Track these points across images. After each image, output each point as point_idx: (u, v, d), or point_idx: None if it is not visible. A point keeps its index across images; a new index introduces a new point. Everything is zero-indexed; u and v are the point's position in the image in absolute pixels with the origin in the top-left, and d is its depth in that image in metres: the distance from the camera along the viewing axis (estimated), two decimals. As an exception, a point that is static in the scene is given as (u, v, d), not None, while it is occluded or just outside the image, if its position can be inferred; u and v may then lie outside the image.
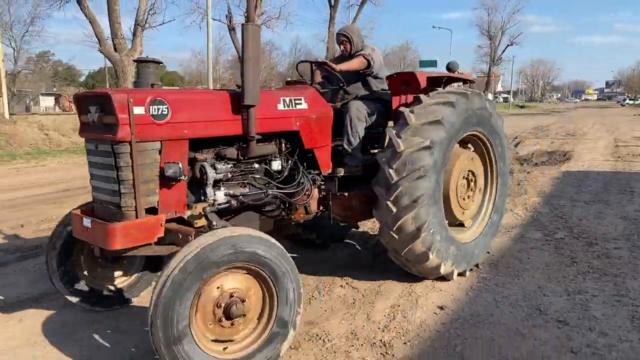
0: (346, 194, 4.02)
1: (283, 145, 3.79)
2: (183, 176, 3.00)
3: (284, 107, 3.67)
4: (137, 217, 2.90)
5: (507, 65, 67.33)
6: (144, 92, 2.98)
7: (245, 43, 3.11)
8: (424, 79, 4.10)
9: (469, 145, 4.62)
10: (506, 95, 68.70)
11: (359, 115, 4.12)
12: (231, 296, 2.70)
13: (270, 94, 3.70)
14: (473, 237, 4.48)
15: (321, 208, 4.14)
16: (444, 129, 3.80)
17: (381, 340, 3.30)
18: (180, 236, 3.01)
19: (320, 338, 3.35)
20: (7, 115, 19.87)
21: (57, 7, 22.61)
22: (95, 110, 2.87)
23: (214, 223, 3.05)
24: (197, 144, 3.26)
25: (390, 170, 3.68)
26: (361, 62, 4.37)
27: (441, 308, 3.77)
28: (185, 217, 3.19)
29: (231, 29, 27.92)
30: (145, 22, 23.24)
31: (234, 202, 3.40)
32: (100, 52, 22.89)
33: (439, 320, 3.57)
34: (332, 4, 32.87)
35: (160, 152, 2.99)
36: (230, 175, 3.41)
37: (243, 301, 2.73)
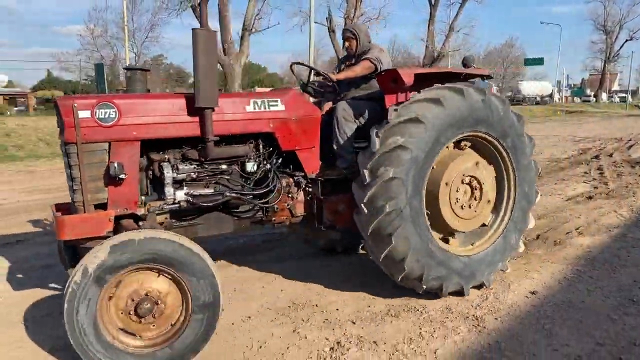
0: (333, 197, 3.90)
1: (259, 146, 3.82)
2: (123, 174, 3.15)
3: (255, 109, 3.69)
4: (84, 212, 3.13)
5: (626, 62, 62.19)
6: (92, 97, 3.26)
7: (197, 48, 3.20)
8: (409, 76, 3.75)
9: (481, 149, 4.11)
10: (623, 95, 63.14)
11: (346, 116, 4.03)
12: (146, 295, 2.84)
13: (238, 97, 3.82)
14: (477, 250, 4.02)
15: (309, 211, 4.05)
16: (424, 127, 3.50)
17: (474, 315, 3.66)
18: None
19: (417, 310, 3.77)
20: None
21: (175, 15, 24.81)
22: (57, 115, 3.19)
23: (141, 223, 3.28)
24: (160, 145, 3.46)
25: (365, 171, 3.51)
26: (366, 68, 4.26)
27: (533, 293, 4.03)
28: (139, 214, 3.33)
29: (331, 31, 28.78)
30: (252, 27, 24.76)
31: (196, 202, 3.49)
32: (211, 56, 24.72)
33: (529, 303, 3.85)
34: (433, 2, 32.57)
35: (109, 152, 3.20)
36: (194, 176, 3.54)
37: (157, 303, 2.87)
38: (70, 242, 3.33)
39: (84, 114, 3.12)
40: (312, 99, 4.83)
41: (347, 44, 4.53)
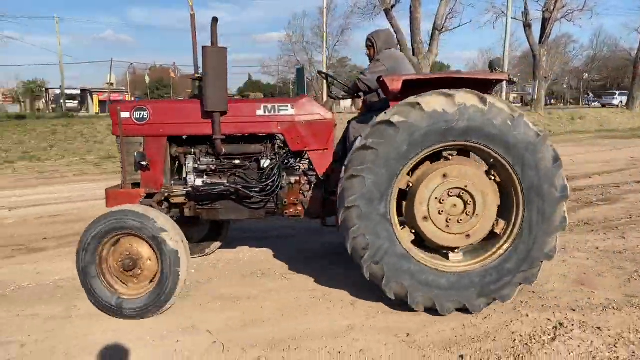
0: (334, 198, 3.88)
1: (270, 146, 4.29)
2: (145, 162, 4.11)
3: (264, 112, 4.16)
4: (122, 186, 4.23)
5: None
6: (134, 102, 4.05)
7: (207, 62, 3.75)
8: (396, 83, 3.63)
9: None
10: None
11: (355, 134, 4.20)
12: (134, 256, 3.73)
13: (249, 102, 4.42)
14: (464, 269, 3.63)
15: (320, 209, 4.31)
16: (396, 130, 3.40)
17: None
18: None
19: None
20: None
21: (369, 19, 26.14)
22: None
23: (140, 201, 4.10)
24: (187, 141, 4.32)
25: (343, 167, 3.59)
26: (356, 89, 4.74)
27: None
28: (166, 192, 4.20)
29: (526, 26, 27.26)
30: (443, 26, 24.80)
31: (211, 190, 4.15)
32: (401, 56, 25.39)
33: None
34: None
35: (143, 144, 4.18)
36: (213, 168, 4.22)
37: (137, 258, 3.74)
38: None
39: (124, 114, 4.17)
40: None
41: (367, 51, 4.78)
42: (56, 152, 17.41)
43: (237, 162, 4.31)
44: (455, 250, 3.75)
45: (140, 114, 4.24)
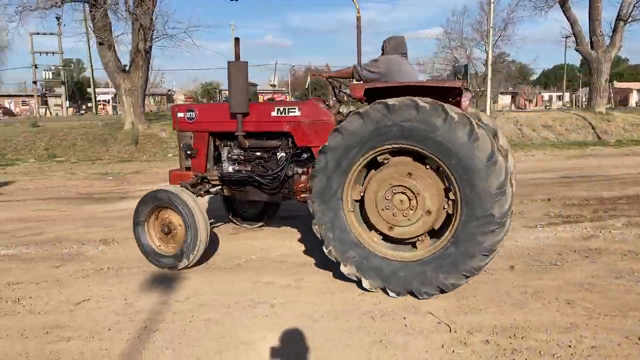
0: None
1: (282, 142, 5.14)
2: (188, 152, 5.46)
3: (277, 114, 4.98)
4: (179, 170, 5.66)
5: None
6: (187, 105, 5.30)
7: (232, 73, 4.75)
8: (359, 90, 4.25)
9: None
10: None
11: None
12: (168, 222, 4.96)
13: (267, 105, 5.22)
14: (409, 259, 4.05)
15: None
16: (341, 136, 3.99)
17: None
18: None
19: None
20: (488, 112, 23.42)
21: (540, 13, 24.43)
22: None
23: (174, 178, 5.58)
24: (227, 136, 5.39)
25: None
26: (348, 72, 5.01)
27: None
28: (207, 176, 5.43)
29: None
30: (629, 16, 22.25)
31: (238, 176, 5.27)
32: (577, 50, 23.38)
33: None
34: None
35: (192, 138, 5.49)
36: (241, 158, 5.36)
37: (172, 224, 4.94)
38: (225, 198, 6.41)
39: (180, 114, 5.54)
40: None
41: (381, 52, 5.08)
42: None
43: (258, 154, 5.31)
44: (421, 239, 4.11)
45: (190, 114, 5.50)
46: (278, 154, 5.16)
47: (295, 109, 4.96)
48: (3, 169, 14.53)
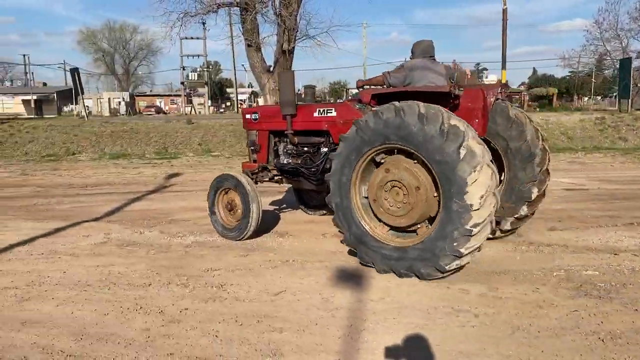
0: None
1: (328, 138, 5.78)
2: (253, 147, 6.56)
3: (318, 114, 5.74)
4: (248, 162, 6.76)
5: None
6: (254, 108, 6.53)
7: (282, 82, 5.82)
8: (366, 96, 5.02)
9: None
10: None
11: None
12: (231, 201, 6.13)
13: (310, 106, 5.93)
14: (399, 243, 4.65)
15: None
16: (346, 141, 4.78)
17: None
18: None
19: None
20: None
21: None
22: None
23: (250, 170, 6.57)
24: (280, 134, 6.35)
25: None
26: (380, 80, 5.47)
27: None
28: (268, 167, 6.47)
29: None
30: None
31: (290, 167, 6.23)
32: None
33: None
34: None
35: (257, 135, 6.56)
36: (294, 152, 6.27)
37: (234, 203, 6.06)
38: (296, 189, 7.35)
39: (247, 115, 6.71)
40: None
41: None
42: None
43: (305, 149, 6.19)
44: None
45: (255, 115, 6.61)
46: (321, 148, 5.99)
47: (332, 109, 5.76)
48: (169, 161, 16.07)
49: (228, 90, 65.20)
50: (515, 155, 5.37)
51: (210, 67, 67.93)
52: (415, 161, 4.47)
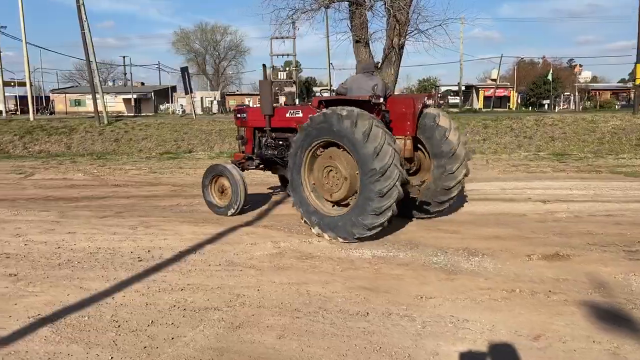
0: None
1: (292, 135, 6.91)
2: (241, 140, 8.38)
3: (289, 115, 7.47)
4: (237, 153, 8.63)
5: None
6: (243, 108, 8.42)
7: (261, 89, 7.64)
8: (315, 101, 6.60)
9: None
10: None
11: None
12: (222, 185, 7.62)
13: (284, 109, 7.74)
14: (338, 213, 6.09)
15: None
16: (301, 132, 6.21)
17: None
18: None
19: None
20: None
21: None
22: None
23: (234, 158, 8.41)
24: (261, 130, 7.93)
25: None
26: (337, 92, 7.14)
27: None
28: (253, 157, 8.07)
29: None
30: None
31: (267, 157, 7.87)
32: None
33: None
34: None
35: (244, 131, 8.31)
36: (272, 145, 7.82)
37: (224, 186, 7.54)
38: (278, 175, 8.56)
39: (238, 114, 8.31)
40: None
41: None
42: (488, 145, 18.25)
43: (280, 142, 7.68)
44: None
45: (243, 114, 8.16)
46: (291, 143, 6.66)
47: (299, 111, 7.32)
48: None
49: (315, 89, 65.33)
50: (437, 153, 6.57)
51: (299, 65, 68.52)
52: (342, 149, 5.91)
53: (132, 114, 43.15)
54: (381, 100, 6.18)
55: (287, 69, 54.31)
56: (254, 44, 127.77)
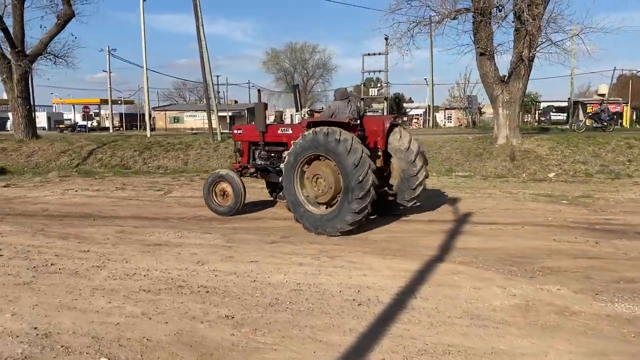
0: None
1: (286, 148, 8.19)
2: (238, 152, 9.99)
3: (281, 132, 9.00)
4: (235, 163, 10.21)
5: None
6: (240, 126, 10.52)
7: (257, 111, 9.33)
8: (303, 122, 8.30)
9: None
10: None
11: None
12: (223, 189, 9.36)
13: (276, 126, 9.32)
14: (323, 213, 7.56)
15: None
16: (295, 147, 7.65)
17: None
18: None
19: None
20: None
21: None
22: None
23: (231, 168, 9.92)
24: (256, 144, 9.52)
25: None
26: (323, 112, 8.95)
27: None
28: (248, 166, 9.58)
29: None
30: None
31: (264, 167, 9.37)
32: None
33: None
34: None
35: (241, 144, 9.97)
36: (265, 157, 9.43)
37: (226, 190, 9.27)
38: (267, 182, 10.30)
39: (238, 131, 10.13)
40: None
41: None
42: (635, 166, 16.18)
43: (272, 154, 9.36)
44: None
45: (240, 131, 10.04)
46: (282, 154, 8.21)
47: (289, 129, 8.99)
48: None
49: (405, 105, 64.04)
50: (402, 162, 8.28)
51: (388, 83, 67.70)
52: (325, 160, 7.47)
53: (226, 131, 44.27)
54: (357, 122, 8.08)
55: (379, 84, 53.61)
56: (341, 62, 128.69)
